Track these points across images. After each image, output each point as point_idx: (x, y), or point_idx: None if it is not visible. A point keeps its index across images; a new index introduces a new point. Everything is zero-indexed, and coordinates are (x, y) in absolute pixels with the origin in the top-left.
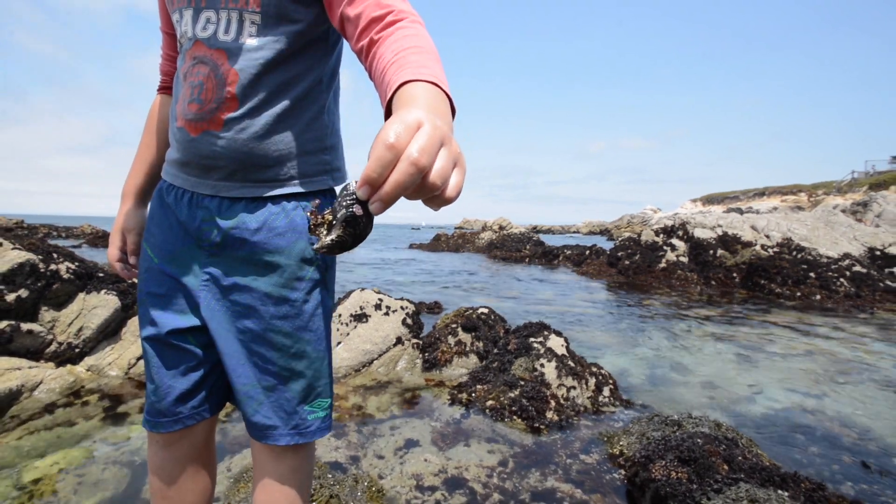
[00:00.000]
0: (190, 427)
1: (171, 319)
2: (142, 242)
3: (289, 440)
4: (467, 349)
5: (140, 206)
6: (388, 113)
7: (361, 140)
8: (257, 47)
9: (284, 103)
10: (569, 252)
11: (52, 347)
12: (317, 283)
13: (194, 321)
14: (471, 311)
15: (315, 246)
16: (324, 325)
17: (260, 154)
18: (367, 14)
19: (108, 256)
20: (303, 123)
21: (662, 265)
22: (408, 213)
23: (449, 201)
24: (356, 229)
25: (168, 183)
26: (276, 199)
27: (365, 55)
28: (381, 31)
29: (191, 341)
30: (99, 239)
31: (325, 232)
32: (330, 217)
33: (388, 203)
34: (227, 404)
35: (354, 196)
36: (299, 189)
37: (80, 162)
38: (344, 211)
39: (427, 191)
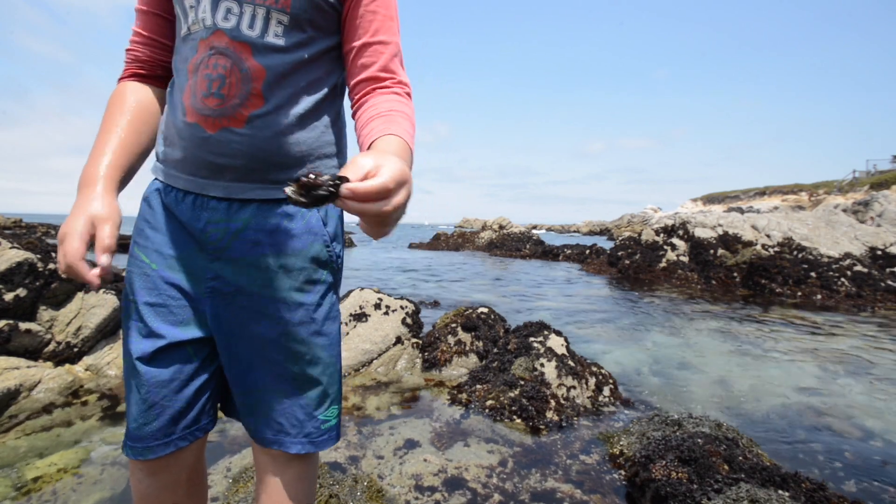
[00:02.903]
0: (181, 449)
1: (172, 331)
2: (131, 248)
3: (300, 448)
4: (467, 349)
5: (115, 192)
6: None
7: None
8: (284, 47)
9: (307, 104)
10: (569, 251)
11: (51, 347)
12: (330, 286)
13: (197, 332)
14: (470, 311)
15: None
16: (336, 328)
17: (283, 153)
18: (372, 71)
19: (65, 256)
20: (322, 126)
21: (663, 264)
22: (408, 212)
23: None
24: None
25: (165, 184)
26: None
27: (357, 102)
28: (377, 91)
29: (189, 353)
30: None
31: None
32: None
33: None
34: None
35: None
36: None
37: (81, 162)
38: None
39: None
